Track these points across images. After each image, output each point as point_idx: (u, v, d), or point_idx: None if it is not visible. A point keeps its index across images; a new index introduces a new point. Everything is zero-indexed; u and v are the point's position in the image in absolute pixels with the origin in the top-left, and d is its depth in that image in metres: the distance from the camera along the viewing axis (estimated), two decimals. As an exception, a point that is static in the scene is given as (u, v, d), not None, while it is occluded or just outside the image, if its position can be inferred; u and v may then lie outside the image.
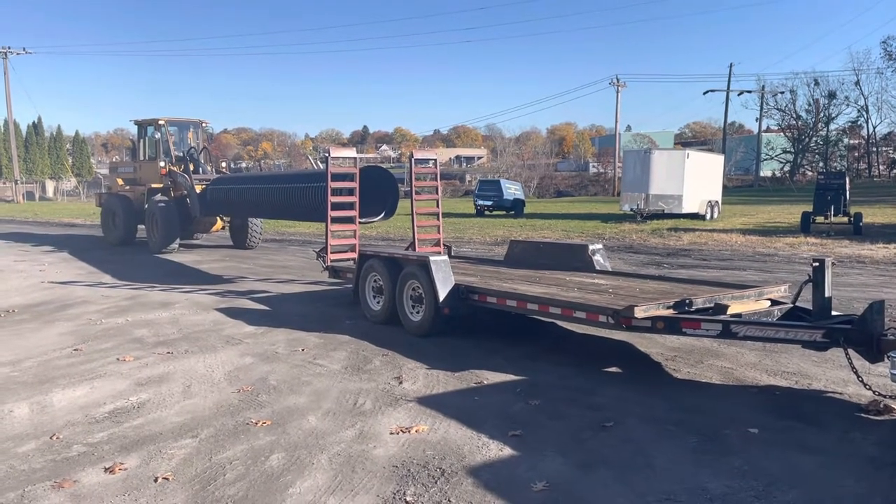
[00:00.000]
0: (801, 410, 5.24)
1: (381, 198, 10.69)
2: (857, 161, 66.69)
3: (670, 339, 7.31)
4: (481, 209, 33.10)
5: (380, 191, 10.67)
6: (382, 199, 10.70)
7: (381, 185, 10.72)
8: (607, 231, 21.48)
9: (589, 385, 5.91)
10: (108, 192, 20.27)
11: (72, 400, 5.67)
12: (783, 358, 6.63)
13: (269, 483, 4.09)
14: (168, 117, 18.10)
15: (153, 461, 4.43)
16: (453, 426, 4.94)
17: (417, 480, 4.08)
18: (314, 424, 5.05)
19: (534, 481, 4.04)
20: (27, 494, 3.98)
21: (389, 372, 6.35)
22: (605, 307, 5.97)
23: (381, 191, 10.69)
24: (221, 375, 6.33)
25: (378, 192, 10.64)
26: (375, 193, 10.58)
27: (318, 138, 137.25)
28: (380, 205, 10.71)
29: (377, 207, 10.70)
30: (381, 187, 10.70)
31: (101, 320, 8.87)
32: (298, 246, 19.14)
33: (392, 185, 10.68)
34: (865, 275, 12.19)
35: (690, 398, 5.56)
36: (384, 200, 10.71)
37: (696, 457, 4.39)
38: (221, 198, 14.29)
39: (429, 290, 7.36)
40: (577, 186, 68.53)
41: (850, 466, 4.21)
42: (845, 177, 21.73)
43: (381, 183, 10.73)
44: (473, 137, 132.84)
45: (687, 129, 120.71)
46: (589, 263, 8.59)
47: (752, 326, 5.46)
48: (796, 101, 66.00)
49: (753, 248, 16.79)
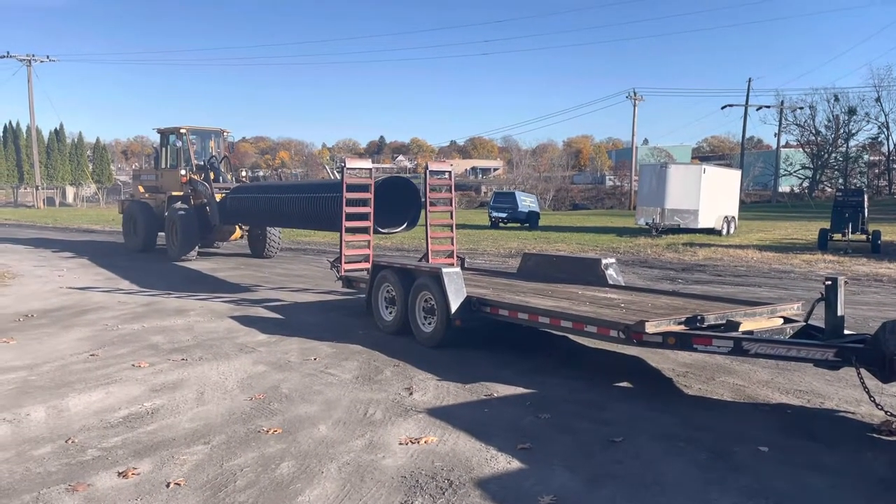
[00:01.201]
0: (813, 429, 5.21)
1: (404, 208, 10.72)
2: (878, 178, 66.09)
3: (682, 355, 7.30)
4: (496, 221, 33.12)
5: (403, 201, 10.72)
6: (405, 210, 10.73)
7: (405, 195, 10.76)
8: (622, 245, 21.43)
9: (599, 400, 5.91)
10: (129, 199, 20.54)
11: (87, 404, 5.76)
12: (796, 376, 6.60)
13: (279, 491, 4.13)
14: (190, 126, 18.36)
15: (165, 466, 4.49)
16: (462, 438, 4.97)
17: (425, 491, 4.11)
18: (325, 433, 5.09)
19: (541, 495, 4.05)
20: (42, 497, 4.05)
21: (400, 383, 6.38)
22: (617, 322, 5.98)
23: (405, 201, 10.74)
24: (234, 383, 6.40)
25: (402, 203, 10.70)
26: (399, 204, 10.64)
27: (335, 148, 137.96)
28: (403, 215, 10.73)
29: (400, 218, 10.73)
30: (405, 198, 10.75)
31: (118, 326, 8.98)
32: (313, 255, 19.25)
33: (415, 197, 10.72)
34: (882, 294, 12.08)
35: (701, 415, 5.55)
36: (407, 211, 10.73)
37: (705, 474, 4.38)
38: (241, 207, 14.44)
39: (441, 301, 7.40)
40: (592, 199, 68.39)
41: (861, 487, 4.19)
42: (864, 194, 21.53)
43: (405, 194, 10.78)
44: (490, 149, 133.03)
45: (705, 144, 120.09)
46: (602, 277, 8.59)
47: (764, 344, 5.44)
48: (815, 116, 65.67)
49: (769, 264, 16.68)
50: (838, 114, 64.68)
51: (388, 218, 10.45)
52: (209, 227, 16.97)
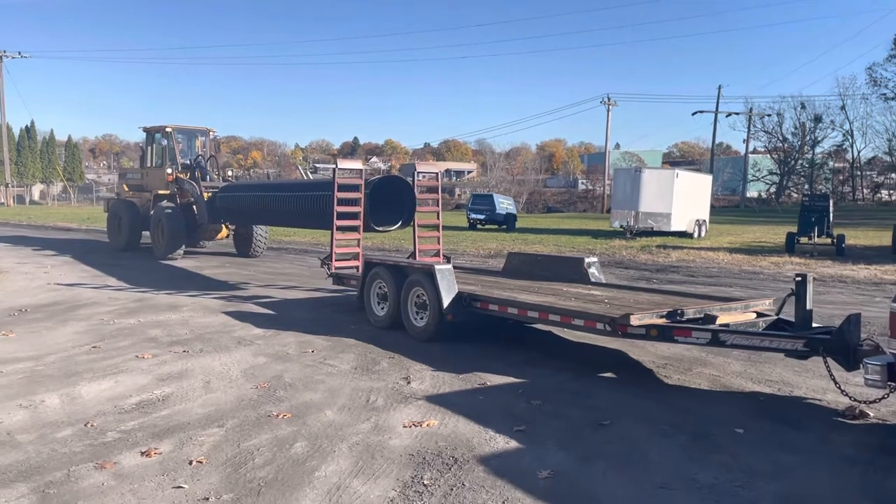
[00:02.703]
0: (783, 414, 5.65)
1: (399, 207, 10.95)
2: (842, 184, 67.80)
3: (661, 348, 7.74)
4: (474, 223, 33.56)
5: (399, 200, 10.95)
6: (400, 209, 10.96)
7: (401, 194, 10.99)
8: (598, 247, 21.94)
9: (586, 388, 6.30)
10: (114, 198, 20.51)
11: (99, 392, 6.00)
12: (767, 367, 7.05)
13: (296, 467, 4.44)
14: (176, 125, 18.42)
15: (185, 447, 4.77)
16: (462, 421, 5.31)
17: (433, 467, 4.45)
18: (331, 418, 5.40)
19: (539, 470, 4.41)
20: (73, 473, 4.32)
21: (397, 373, 6.71)
22: (603, 315, 6.38)
23: (400, 200, 10.96)
24: (238, 373, 6.68)
25: (397, 202, 10.92)
26: (394, 202, 10.87)
27: (308, 148, 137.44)
28: (397, 214, 10.97)
29: (395, 216, 10.96)
30: (401, 197, 10.98)
31: (114, 321, 9.18)
32: (296, 254, 19.47)
33: (410, 195, 10.99)
34: (846, 293, 12.68)
35: (681, 401, 5.96)
36: (402, 210, 10.96)
37: (687, 453, 4.78)
38: (231, 205, 14.56)
39: (433, 297, 7.74)
40: (565, 203, 69.18)
41: (828, 464, 4.61)
42: (829, 199, 22.32)
43: (400, 193, 11.00)
44: (463, 151, 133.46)
45: (675, 149, 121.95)
46: (584, 276, 9.00)
47: (739, 335, 5.88)
48: (783, 123, 67.17)
49: (739, 266, 17.28)
50: (805, 121, 66.34)
51: (384, 216, 10.71)
52: (196, 225, 17.07)
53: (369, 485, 4.19)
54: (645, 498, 4.06)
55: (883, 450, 4.86)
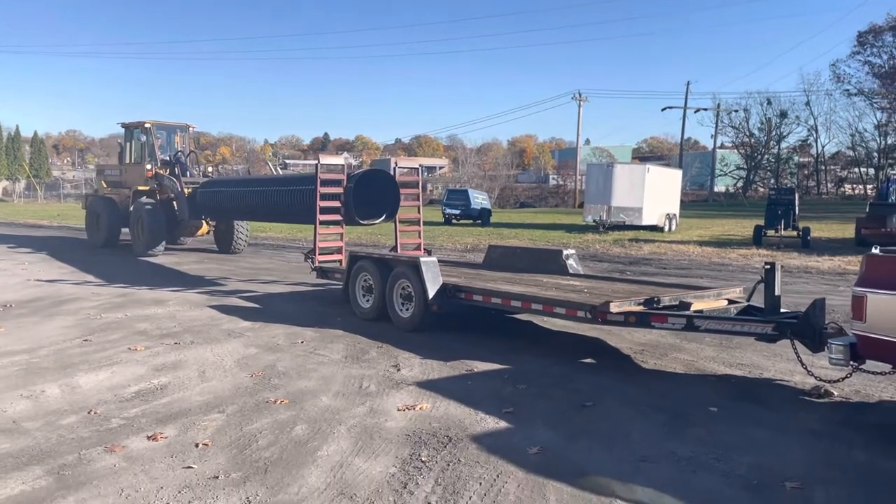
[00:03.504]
0: (754, 394, 6.00)
1: (383, 201, 11.07)
2: (807, 179, 69.23)
3: (636, 335, 8.08)
4: (449, 217, 33.82)
5: (382, 194, 11.05)
6: (384, 203, 11.10)
7: (385, 188, 11.10)
8: (571, 240, 22.35)
9: (568, 373, 6.61)
10: (93, 194, 20.32)
11: (97, 382, 6.15)
12: (738, 352, 7.42)
13: (299, 447, 4.67)
14: (154, 120, 18.29)
15: (190, 431, 4.97)
16: (452, 405, 5.58)
17: (429, 445, 4.71)
18: (328, 403, 5.63)
19: (529, 447, 4.70)
20: (84, 457, 4.50)
21: (387, 361, 6.95)
22: (583, 303, 6.69)
23: (384, 194, 11.07)
24: (231, 363, 6.87)
25: (381, 196, 11.02)
26: (378, 196, 10.98)
27: (278, 144, 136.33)
28: (382, 207, 11.11)
29: (379, 210, 11.10)
30: (384, 191, 11.08)
31: (100, 315, 9.28)
32: (273, 250, 19.57)
33: (394, 189, 11.10)
34: (812, 283, 13.18)
35: (658, 384, 6.29)
36: (386, 203, 11.09)
37: (666, 429, 5.10)
38: (213, 201, 14.55)
39: (419, 288, 7.98)
40: (536, 198, 69.75)
41: (796, 438, 4.96)
42: (795, 193, 23.01)
43: (384, 186, 11.10)
44: (435, 147, 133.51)
45: (644, 144, 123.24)
46: (563, 267, 9.31)
47: (712, 321, 6.24)
48: (750, 119, 68.30)
49: (709, 258, 17.78)
50: (771, 117, 67.55)
51: (368, 210, 10.85)
52: (176, 222, 17.01)
53: (370, 462, 4.44)
54: (628, 470, 4.36)
55: (846, 425, 5.23)
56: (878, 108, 61.38)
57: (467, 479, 4.20)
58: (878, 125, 61.73)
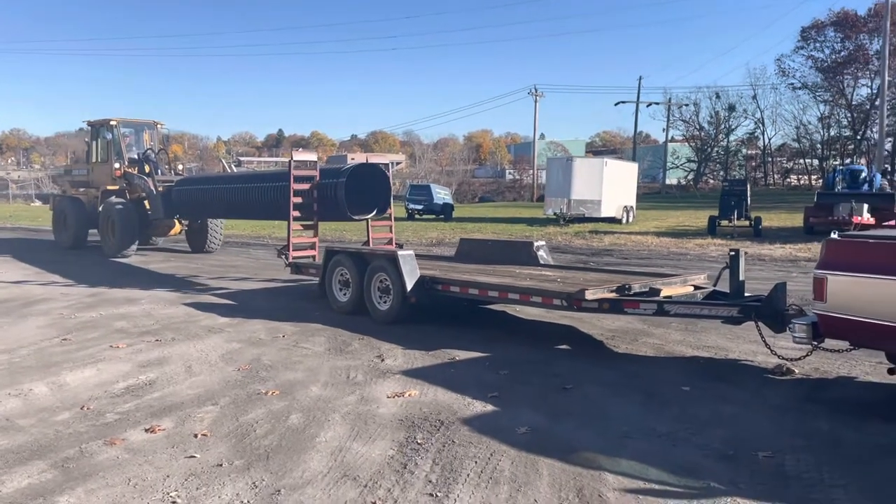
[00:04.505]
0: (722, 374, 6.35)
1: (373, 195, 11.03)
2: (755, 170, 71.16)
3: (606, 322, 8.40)
4: (412, 213, 34.01)
5: (372, 188, 10.99)
6: (374, 197, 11.07)
7: (374, 182, 11.05)
8: (534, 233, 22.73)
9: (545, 359, 6.88)
10: (60, 195, 19.80)
11: (84, 380, 6.20)
12: (703, 335, 7.80)
13: (297, 435, 4.83)
14: (121, 118, 17.90)
15: (186, 423, 5.09)
16: (440, 391, 5.79)
17: (422, 429, 4.92)
18: (318, 393, 5.79)
19: (517, 427, 4.94)
20: (85, 450, 4.58)
21: (370, 352, 7.13)
22: (559, 292, 6.96)
23: (373, 188, 11.01)
24: (216, 357, 6.96)
25: (369, 190, 10.96)
26: (367, 191, 10.91)
27: (231, 141, 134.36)
28: (372, 202, 11.07)
29: (369, 204, 11.05)
30: (374, 185, 11.03)
31: (74, 315, 9.23)
32: (239, 248, 19.49)
33: (386, 184, 11.07)
34: (766, 271, 13.75)
35: (631, 367, 6.61)
36: (376, 198, 11.08)
37: (643, 408, 5.40)
38: (188, 199, 14.25)
39: (397, 281, 8.16)
40: (494, 192, 70.40)
41: (763, 412, 5.31)
42: (747, 184, 23.82)
43: (373, 180, 11.05)
44: (391, 143, 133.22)
45: (597, 138, 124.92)
46: (534, 258, 9.59)
47: (682, 305, 6.59)
48: (699, 113, 69.88)
49: (667, 248, 18.33)
50: (719, 110, 69.24)
51: (358, 205, 10.76)
52: (147, 222, 16.65)
53: (368, 446, 4.63)
54: (613, 446, 4.63)
55: (808, 399, 5.60)
56: (822, 101, 63.55)
57: (463, 458, 4.42)
58: (821, 118, 63.90)
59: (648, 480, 4.09)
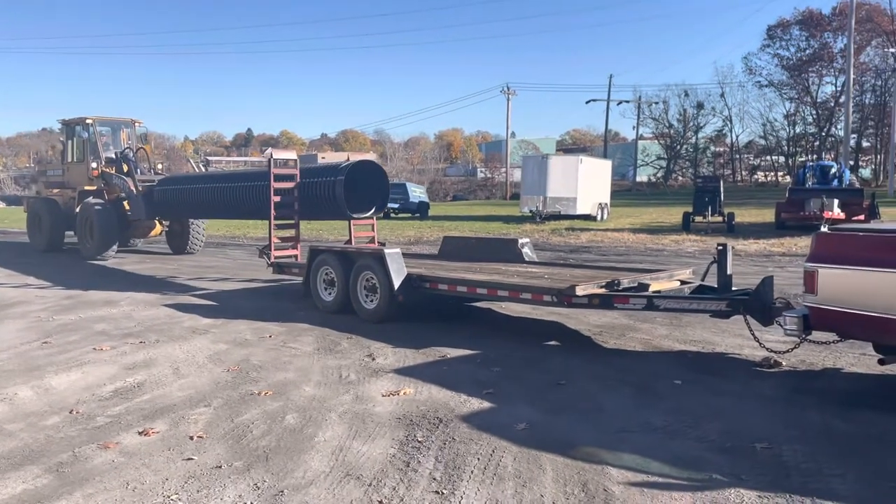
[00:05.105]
0: (711, 367, 6.43)
1: (369, 193, 10.86)
2: (723, 167, 72.28)
3: (593, 318, 8.46)
4: (388, 211, 33.84)
5: (368, 186, 10.80)
6: (372, 195, 10.92)
7: (373, 179, 10.90)
8: (511, 231, 22.84)
9: (536, 355, 6.90)
10: (34, 196, 19.28)
11: (70, 383, 6.07)
12: (689, 330, 7.88)
13: (295, 435, 4.79)
14: (98, 116, 17.45)
15: (181, 425, 5.00)
16: (434, 389, 5.77)
17: (422, 427, 4.90)
18: (312, 392, 5.74)
19: (516, 423, 4.95)
20: (79, 454, 4.49)
21: (360, 351, 7.09)
22: (549, 288, 6.99)
23: (370, 186, 10.83)
24: (204, 358, 6.86)
25: (366, 188, 10.77)
26: (363, 188, 10.73)
27: (199, 141, 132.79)
28: (369, 200, 10.91)
29: (367, 202, 10.89)
30: (372, 183, 10.87)
31: (52, 317, 9.04)
32: (215, 248, 19.26)
33: (383, 181, 10.90)
34: (742, 265, 13.93)
35: (621, 362, 6.66)
36: (373, 196, 10.93)
37: (637, 402, 5.44)
38: (171, 199, 13.89)
39: (384, 280, 8.12)
40: (465, 191, 70.56)
41: (755, 403, 5.38)
42: (720, 181, 24.19)
43: (372, 178, 10.90)
44: (362, 142, 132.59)
45: (568, 136, 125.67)
46: (519, 255, 9.62)
47: (671, 300, 6.65)
48: (669, 111, 70.82)
49: (644, 244, 18.52)
50: (688, 108, 70.19)
51: (355, 203, 10.59)
52: (127, 223, 16.25)
53: (369, 445, 4.60)
54: (612, 440, 4.66)
55: (797, 391, 5.69)
56: (787, 98, 64.85)
57: (465, 455, 4.41)
58: (787, 115, 65.20)
59: (651, 474, 4.12)
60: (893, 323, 4.84)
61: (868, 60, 58.35)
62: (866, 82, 58.42)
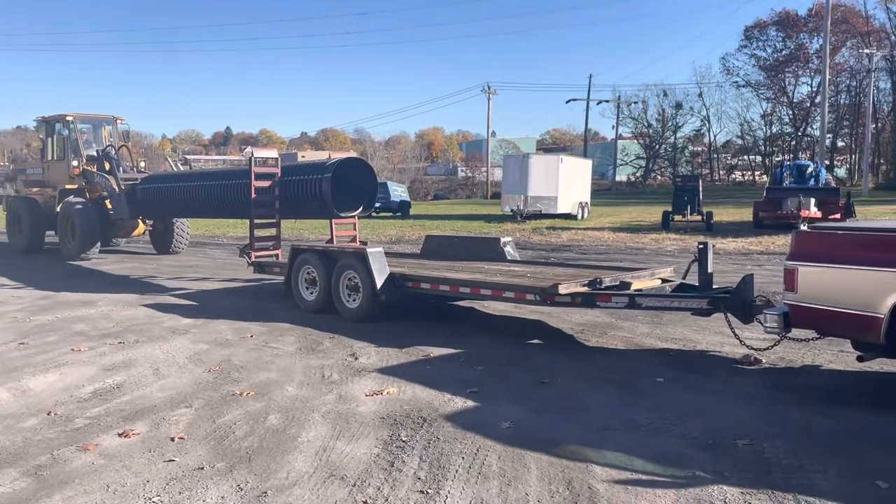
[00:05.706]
0: (692, 365, 6.47)
1: (356, 191, 10.73)
2: (701, 167, 72.88)
3: (574, 316, 8.49)
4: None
5: (355, 184, 10.67)
6: (359, 193, 10.78)
7: (360, 177, 10.78)
8: (492, 230, 22.87)
9: (520, 353, 6.91)
10: (13, 195, 18.88)
11: (48, 384, 5.98)
12: (670, 328, 7.93)
13: (278, 436, 4.75)
14: (78, 113, 17.10)
15: (161, 426, 4.95)
16: (418, 388, 5.76)
17: (406, 426, 4.89)
18: (295, 392, 5.70)
19: (500, 422, 4.95)
20: (58, 457, 4.42)
21: (342, 351, 7.05)
22: (532, 287, 7.00)
23: (357, 183, 10.71)
24: (184, 359, 6.79)
25: (353, 185, 10.64)
26: (351, 186, 10.60)
27: (177, 139, 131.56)
28: (357, 198, 10.77)
29: (355, 200, 10.75)
30: (360, 180, 10.75)
31: (28, 318, 8.90)
32: (195, 247, 19.04)
33: (372, 179, 10.80)
34: (720, 264, 14.04)
35: (604, 360, 6.68)
36: (361, 194, 10.80)
37: (620, 400, 5.46)
38: (156, 198, 13.65)
39: (366, 279, 8.09)
40: (446, 190, 70.52)
41: (736, 401, 5.42)
42: (699, 180, 24.40)
43: (359, 175, 10.77)
44: (342, 141, 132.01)
45: (548, 136, 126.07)
46: (501, 254, 9.63)
47: (653, 298, 6.69)
48: (648, 110, 71.18)
49: (624, 243, 18.62)
50: (666, 108, 70.65)
51: (342, 201, 10.45)
52: (109, 222, 15.94)
53: (352, 445, 4.57)
54: (596, 438, 4.67)
55: (777, 388, 5.74)
56: (764, 98, 65.52)
57: (450, 454, 4.40)
58: (763, 115, 65.87)
59: (635, 471, 4.13)
60: (872, 320, 4.90)
61: (843, 61, 59.13)
62: (842, 83, 59.19)
